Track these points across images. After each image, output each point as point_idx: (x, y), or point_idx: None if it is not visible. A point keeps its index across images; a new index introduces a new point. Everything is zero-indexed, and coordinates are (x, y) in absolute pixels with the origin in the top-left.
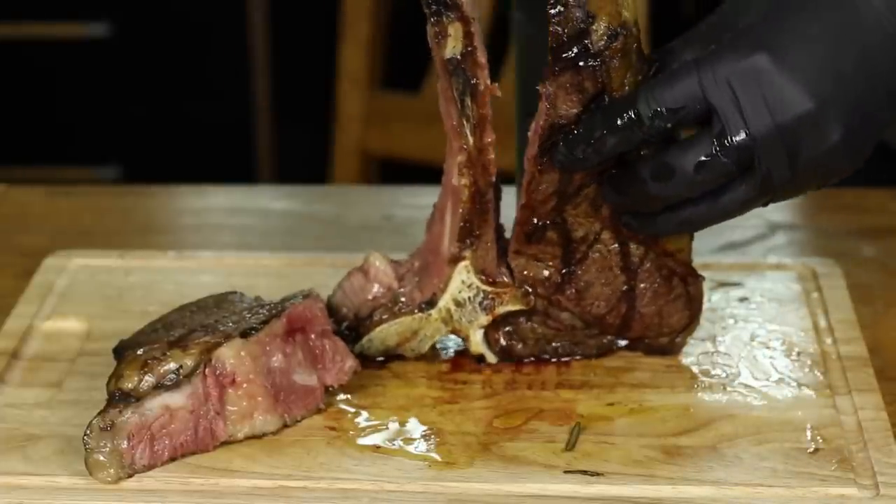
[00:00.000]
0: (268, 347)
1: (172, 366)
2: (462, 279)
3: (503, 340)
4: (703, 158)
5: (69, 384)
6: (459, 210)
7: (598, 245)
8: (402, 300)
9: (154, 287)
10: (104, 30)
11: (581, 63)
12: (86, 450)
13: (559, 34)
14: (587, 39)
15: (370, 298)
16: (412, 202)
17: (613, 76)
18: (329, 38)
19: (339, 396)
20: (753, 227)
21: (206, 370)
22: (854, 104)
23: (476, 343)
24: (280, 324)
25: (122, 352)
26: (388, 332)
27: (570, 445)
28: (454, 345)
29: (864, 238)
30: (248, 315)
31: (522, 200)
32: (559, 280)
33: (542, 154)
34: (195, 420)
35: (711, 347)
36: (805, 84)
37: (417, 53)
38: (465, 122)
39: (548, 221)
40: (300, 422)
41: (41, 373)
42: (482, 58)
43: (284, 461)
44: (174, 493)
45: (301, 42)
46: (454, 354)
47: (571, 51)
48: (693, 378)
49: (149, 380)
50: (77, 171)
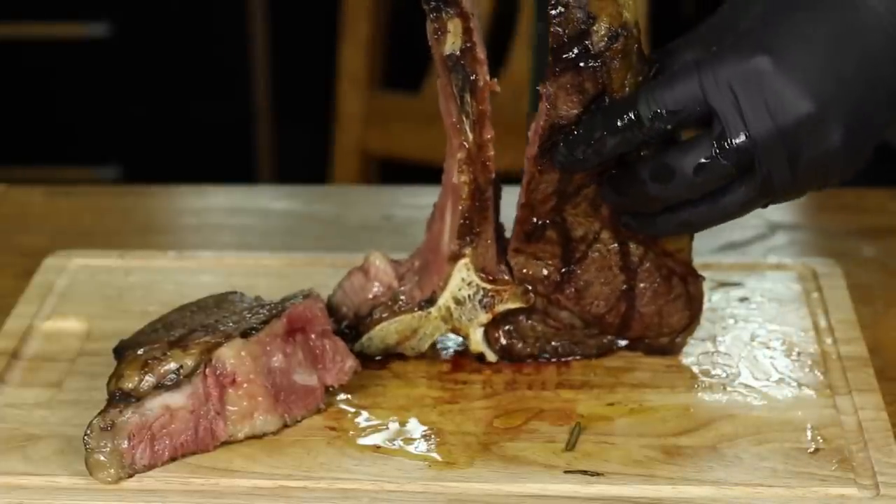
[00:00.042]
0: (268, 347)
1: (173, 366)
2: (462, 277)
3: (503, 339)
4: (703, 160)
5: (69, 384)
6: (459, 207)
7: (598, 244)
8: (402, 298)
9: (154, 287)
10: (104, 30)
11: (581, 64)
12: (86, 450)
13: (560, 35)
14: (588, 40)
15: (370, 297)
16: (412, 202)
17: (614, 77)
18: (329, 38)
19: (340, 396)
20: (753, 227)
21: (207, 370)
22: (854, 106)
23: (476, 341)
24: (280, 324)
25: (123, 352)
26: (388, 331)
27: (571, 445)
28: (454, 345)
29: (864, 238)
30: (249, 315)
31: (522, 200)
32: (558, 279)
33: (542, 154)
34: (195, 420)
35: (711, 347)
36: (806, 86)
37: (417, 53)
38: (465, 119)
39: (547, 221)
40: (300, 422)
41: (41, 373)
42: (481, 54)
43: (285, 461)
44: (174, 493)
45: (301, 42)
46: (454, 354)
47: (572, 52)
48: (693, 378)
49: (149, 380)
50: (77, 171)
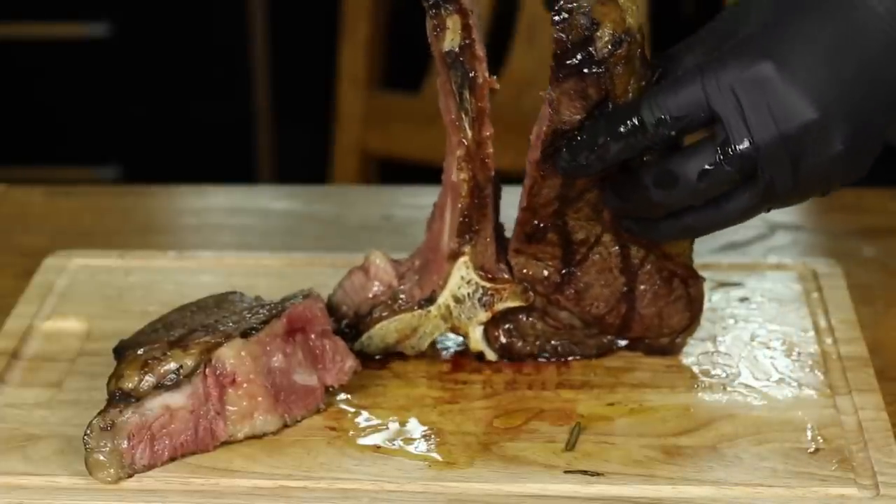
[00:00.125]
0: (268, 347)
1: (173, 366)
2: (461, 275)
3: (503, 338)
4: (707, 167)
5: (69, 384)
6: (458, 205)
7: (599, 247)
8: (402, 297)
9: (154, 287)
10: (104, 30)
11: (585, 70)
12: (86, 450)
13: (563, 41)
14: (591, 46)
15: (370, 296)
16: (412, 202)
17: (617, 83)
18: (329, 38)
19: (340, 396)
20: (753, 227)
21: (207, 370)
22: (857, 112)
23: (476, 340)
24: (280, 324)
25: (123, 352)
26: (388, 330)
27: (571, 445)
28: (454, 345)
29: (865, 238)
30: (249, 315)
31: (524, 203)
32: (558, 280)
33: (545, 159)
34: (195, 420)
35: (712, 347)
36: (809, 93)
37: (417, 53)
38: (464, 116)
39: (549, 224)
40: (300, 422)
41: (41, 373)
42: (480, 51)
43: (285, 461)
44: (174, 493)
45: (301, 42)
46: (454, 354)
47: (575, 58)
48: (693, 378)
49: (149, 380)
50: (77, 171)
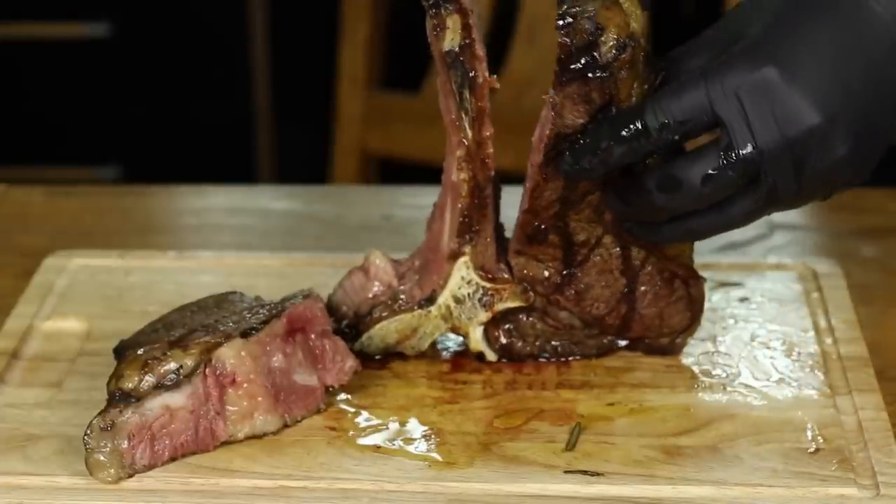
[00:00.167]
0: (268, 347)
1: (173, 366)
2: (461, 275)
3: (503, 338)
4: (710, 171)
5: (69, 384)
6: (458, 205)
7: (600, 249)
8: (402, 297)
9: (154, 287)
10: (104, 30)
11: (589, 74)
12: (86, 450)
13: (567, 45)
14: (595, 51)
15: (370, 296)
16: (412, 202)
17: (621, 87)
18: (329, 39)
19: (340, 396)
20: (753, 227)
21: (207, 370)
22: (861, 117)
23: (476, 340)
24: (280, 324)
25: (123, 352)
26: (388, 330)
27: (571, 445)
28: (454, 345)
29: (864, 238)
30: (249, 315)
31: (525, 205)
32: (559, 281)
33: (548, 163)
34: (195, 420)
35: (712, 347)
36: (813, 98)
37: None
38: (464, 116)
39: (550, 225)
40: (300, 422)
41: (41, 373)
42: (480, 50)
43: (285, 461)
44: (174, 493)
45: (301, 42)
46: (454, 354)
47: (579, 62)
48: (693, 378)
49: (149, 380)
50: (77, 171)
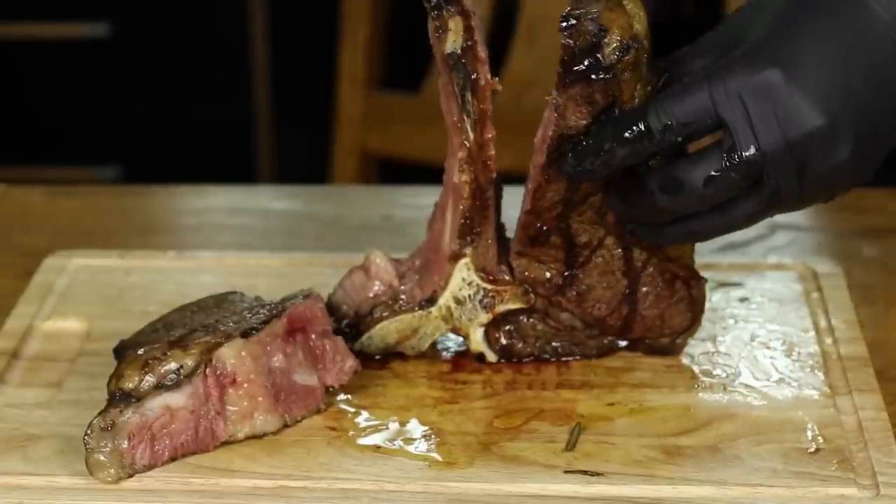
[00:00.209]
0: (268, 347)
1: (173, 366)
2: (462, 277)
3: (503, 339)
4: (713, 173)
5: (69, 384)
6: (460, 207)
7: (602, 250)
8: (403, 298)
9: (154, 287)
10: (104, 30)
11: (592, 76)
12: (86, 450)
13: (571, 47)
14: (599, 53)
15: (371, 296)
16: (412, 202)
17: (624, 89)
18: (329, 39)
19: (340, 396)
20: (754, 228)
21: (207, 370)
22: (864, 119)
23: (476, 341)
24: (280, 324)
25: (123, 352)
26: (389, 330)
27: (571, 445)
28: (454, 345)
29: (865, 238)
30: (249, 315)
31: (527, 207)
32: (560, 282)
33: (550, 164)
34: (196, 420)
35: (712, 347)
36: (816, 100)
37: (417, 53)
38: (466, 118)
39: (552, 226)
40: (300, 422)
41: (41, 373)
42: (483, 53)
43: (285, 461)
44: (174, 493)
45: (301, 42)
46: (454, 354)
47: (583, 63)
48: (693, 378)
49: (149, 380)
50: (77, 171)
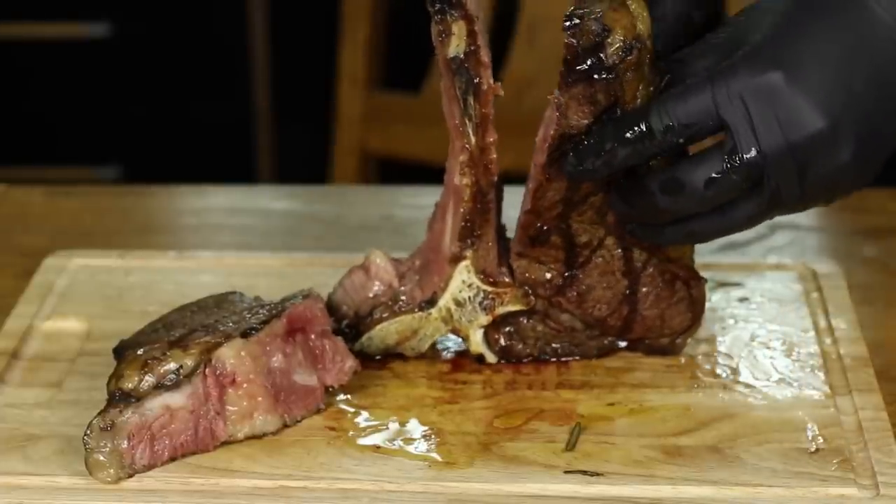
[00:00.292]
0: (268, 347)
1: (173, 366)
2: (462, 279)
3: (503, 340)
4: (714, 175)
5: (69, 384)
6: (461, 209)
7: (602, 250)
8: (403, 298)
9: (154, 287)
10: (104, 30)
11: (595, 76)
12: (86, 450)
13: (573, 46)
14: (602, 52)
15: (371, 296)
16: (412, 202)
17: (626, 89)
18: (329, 39)
19: (339, 396)
20: (754, 228)
21: (207, 370)
22: (865, 122)
23: (476, 343)
24: (280, 324)
25: (123, 352)
26: (388, 331)
27: (571, 445)
28: (454, 345)
29: (865, 238)
30: (249, 315)
31: (528, 206)
32: (560, 283)
33: (551, 163)
34: (195, 420)
35: (712, 347)
36: (818, 103)
37: (417, 53)
38: (468, 122)
39: (552, 227)
40: (300, 422)
41: (41, 373)
42: (485, 57)
43: (284, 461)
44: (174, 493)
45: (301, 42)
46: (454, 355)
47: (585, 63)
48: (693, 378)
49: (149, 380)
50: (77, 171)
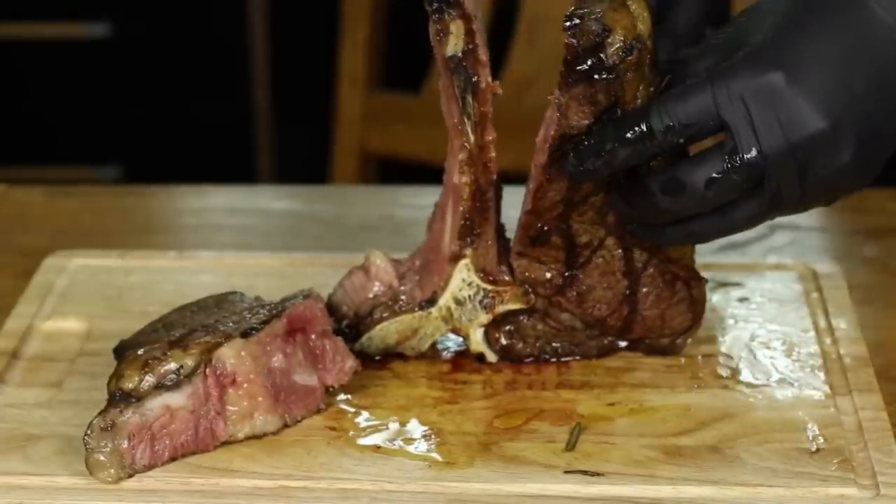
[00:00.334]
0: (268, 347)
1: (173, 366)
2: (462, 277)
3: (503, 339)
4: (714, 175)
5: (69, 384)
6: (460, 208)
7: (602, 251)
8: (403, 298)
9: (154, 287)
10: (104, 30)
11: (595, 76)
12: (86, 450)
13: (574, 46)
14: (602, 53)
15: (371, 296)
16: (412, 202)
17: (627, 89)
18: (329, 39)
19: (340, 396)
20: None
21: (207, 370)
22: (866, 123)
23: (476, 342)
24: (280, 324)
25: (123, 352)
26: (389, 331)
27: (571, 445)
28: (455, 345)
29: (865, 238)
30: (249, 315)
31: (528, 207)
32: (561, 282)
33: (551, 163)
34: (195, 420)
35: (712, 347)
36: (818, 103)
37: (417, 53)
38: (467, 120)
39: (552, 227)
40: (300, 422)
41: (41, 373)
42: (484, 55)
43: (285, 461)
44: (174, 493)
45: (301, 42)
46: (454, 355)
47: (586, 63)
48: (693, 378)
49: (149, 380)
50: (77, 171)
